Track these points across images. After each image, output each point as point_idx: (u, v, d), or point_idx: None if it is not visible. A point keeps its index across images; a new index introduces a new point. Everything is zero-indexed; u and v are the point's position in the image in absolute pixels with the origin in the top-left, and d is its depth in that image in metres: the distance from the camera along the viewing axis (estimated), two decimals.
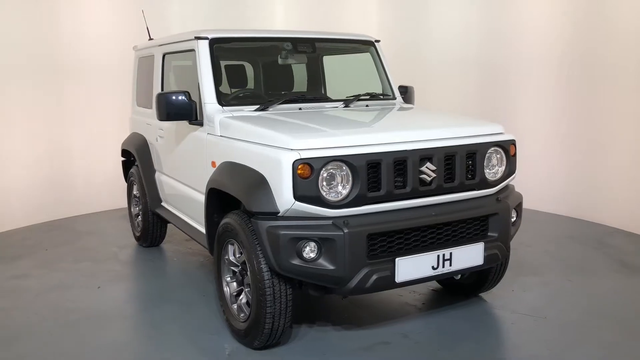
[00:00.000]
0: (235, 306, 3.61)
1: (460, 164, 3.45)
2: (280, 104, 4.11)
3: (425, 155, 3.32)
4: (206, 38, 4.16)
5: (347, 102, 4.33)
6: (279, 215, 3.13)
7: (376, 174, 3.20)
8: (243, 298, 3.55)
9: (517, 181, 3.89)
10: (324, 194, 3.10)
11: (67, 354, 3.50)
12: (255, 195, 3.19)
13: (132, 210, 5.91)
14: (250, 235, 3.24)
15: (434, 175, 3.34)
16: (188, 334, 3.74)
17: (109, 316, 4.05)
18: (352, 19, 7.93)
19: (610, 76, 6.16)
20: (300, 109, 4.09)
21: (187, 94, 4.01)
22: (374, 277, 3.14)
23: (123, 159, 5.96)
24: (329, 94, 4.83)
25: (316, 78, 4.93)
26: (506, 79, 7.05)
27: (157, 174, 5.23)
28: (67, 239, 6.03)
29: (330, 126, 3.45)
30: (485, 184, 3.60)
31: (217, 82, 4.07)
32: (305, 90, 4.87)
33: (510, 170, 3.72)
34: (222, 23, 7.50)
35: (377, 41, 4.88)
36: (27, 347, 3.61)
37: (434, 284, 4.46)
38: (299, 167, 3.02)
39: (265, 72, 4.73)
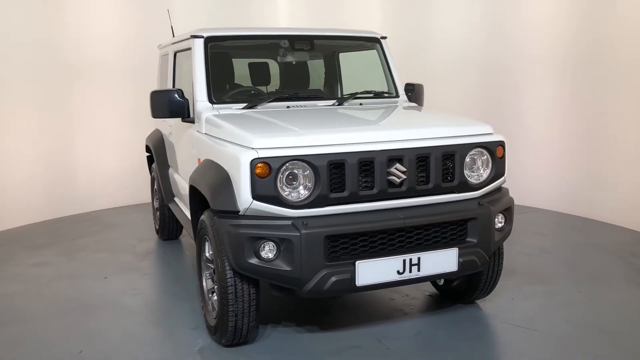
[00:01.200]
0: (210, 303, 3.65)
1: (436, 165, 3.31)
2: (270, 101, 4.10)
3: (394, 156, 3.21)
4: (201, 37, 4.22)
5: (341, 101, 4.27)
6: (240, 214, 3.13)
7: (340, 174, 3.13)
8: (215, 295, 3.58)
9: (533, 182, 3.73)
10: (283, 193, 3.07)
11: (49, 341, 3.65)
12: (218, 193, 3.21)
13: (153, 204, 6.10)
14: (215, 234, 3.27)
15: (403, 176, 3.23)
16: (169, 327, 3.82)
17: (102, 306, 4.20)
18: (356, 19, 7.88)
19: (614, 74, 6.07)
20: (288, 107, 4.07)
21: (179, 91, 4.08)
22: (333, 279, 3.07)
23: (147, 154, 6.15)
24: (333, 92, 4.77)
25: (318, 76, 4.88)
26: (509, 77, 7.03)
27: (170, 170, 5.37)
28: (95, 230, 6.31)
29: (303, 125, 3.40)
30: (467, 187, 3.44)
31: (210, 80, 4.11)
32: (308, 88, 4.83)
33: (497, 173, 3.53)
34: (229, 22, 7.53)
35: (384, 37, 4.77)
36: (17, 331, 3.80)
37: (431, 289, 4.32)
38: (257, 166, 3.00)
39: (263, 70, 4.73)
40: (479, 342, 3.54)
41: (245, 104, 4.04)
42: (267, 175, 3.02)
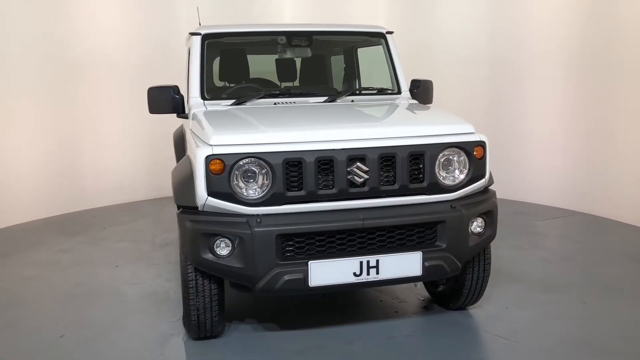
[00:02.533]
0: None
1: (402, 165, 3.19)
2: (261, 98, 4.11)
3: (355, 155, 3.13)
4: (199, 34, 4.29)
5: (333, 98, 4.20)
6: (199, 210, 3.16)
7: (298, 173, 3.10)
8: None
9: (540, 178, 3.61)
10: (238, 191, 3.07)
11: (38, 325, 3.85)
12: (180, 189, 3.27)
13: None
14: (179, 229, 3.32)
15: (365, 176, 3.14)
16: (153, 317, 3.93)
17: (102, 294, 4.38)
18: (361, 14, 7.82)
19: (622, 69, 5.98)
20: (275, 104, 4.06)
21: (175, 88, 4.18)
22: (284, 278, 3.05)
23: None
24: (328, 89, 4.71)
25: (320, 72, 4.83)
26: (517, 74, 7.00)
27: None
28: (127, 220, 6.59)
29: (270, 123, 3.38)
30: (439, 188, 3.29)
31: (204, 76, 4.18)
32: (307, 84, 4.78)
33: (476, 175, 3.36)
34: (237, 20, 7.46)
35: (390, 32, 4.64)
36: (13, 314, 4.03)
37: (425, 293, 4.18)
38: (211, 162, 3.03)
39: (261, 66, 4.73)
40: (448, 352, 3.38)
41: (233, 100, 4.07)
42: (222, 172, 3.03)
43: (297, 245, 3.11)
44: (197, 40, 4.28)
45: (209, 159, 3.02)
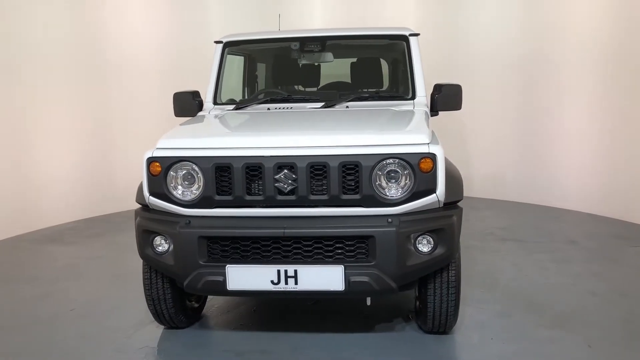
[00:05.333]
0: None
1: (334, 176, 3.08)
2: (260, 103, 4.23)
3: (283, 163, 3.11)
4: (221, 42, 4.55)
5: (331, 103, 4.13)
6: (149, 208, 3.41)
7: (228, 178, 3.17)
8: None
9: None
10: (174, 192, 3.25)
11: (61, 298, 4.40)
12: (139, 188, 3.53)
13: None
14: None
15: (293, 185, 3.10)
16: (137, 306, 4.10)
17: (126, 278, 4.76)
18: (391, 15, 7.59)
19: None
20: (268, 109, 4.13)
21: (195, 93, 4.49)
22: (205, 279, 3.15)
23: None
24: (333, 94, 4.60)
25: (342, 76, 4.76)
26: (551, 75, 6.92)
27: None
28: None
29: (228, 129, 3.51)
30: (377, 202, 3.11)
31: (220, 82, 4.43)
32: (332, 88, 4.74)
33: (421, 189, 3.09)
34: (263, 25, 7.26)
35: (414, 35, 4.41)
36: (43, 290, 4.62)
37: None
38: (151, 164, 3.25)
39: (278, 72, 4.80)
40: None
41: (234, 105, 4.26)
42: (159, 173, 3.24)
43: (220, 249, 3.19)
44: (218, 48, 4.54)
45: (149, 161, 3.25)
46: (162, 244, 3.29)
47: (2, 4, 6.23)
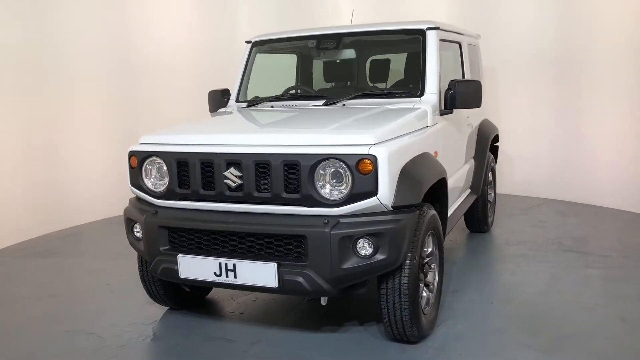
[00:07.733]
0: None
1: (276, 174, 3.13)
2: (269, 100, 4.36)
3: (231, 160, 3.22)
4: (250, 42, 4.75)
5: (331, 102, 4.10)
6: (137, 198, 3.74)
7: (187, 172, 3.37)
8: None
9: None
10: (146, 184, 3.54)
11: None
12: None
13: None
14: None
15: (238, 181, 3.21)
16: (131, 295, 4.41)
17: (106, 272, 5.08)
18: (421, 10, 7.25)
19: None
20: (272, 107, 4.24)
21: (225, 91, 4.76)
22: (162, 266, 3.40)
23: None
24: (341, 92, 4.53)
25: (354, 73, 4.67)
26: (581, 73, 6.79)
27: None
28: None
29: (209, 126, 3.72)
30: (316, 201, 3.09)
31: (244, 80, 4.65)
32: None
33: (360, 191, 3.00)
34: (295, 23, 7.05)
35: (433, 28, 4.19)
36: (68, 262, 5.26)
37: None
38: (131, 157, 3.58)
39: (302, 69, 4.82)
40: None
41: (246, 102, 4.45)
42: (135, 166, 3.55)
43: (178, 239, 3.40)
44: (247, 47, 4.74)
45: (129, 155, 3.58)
46: (139, 231, 3.59)
47: (33, 9, 6.20)
